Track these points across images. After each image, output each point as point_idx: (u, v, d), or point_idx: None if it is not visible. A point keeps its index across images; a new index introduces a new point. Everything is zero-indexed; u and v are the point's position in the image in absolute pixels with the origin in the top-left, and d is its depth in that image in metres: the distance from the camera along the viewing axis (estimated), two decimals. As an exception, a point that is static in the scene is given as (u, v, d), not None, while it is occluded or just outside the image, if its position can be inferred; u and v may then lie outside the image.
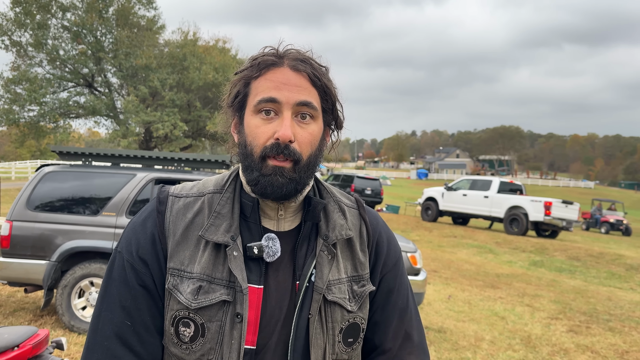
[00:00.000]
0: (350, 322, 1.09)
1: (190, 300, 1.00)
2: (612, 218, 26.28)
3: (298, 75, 1.03)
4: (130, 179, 5.29)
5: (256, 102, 1.02)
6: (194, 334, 1.01)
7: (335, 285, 1.07)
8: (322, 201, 1.10)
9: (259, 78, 1.04)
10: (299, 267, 1.07)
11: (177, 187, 1.15)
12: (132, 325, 1.03)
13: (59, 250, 5.02)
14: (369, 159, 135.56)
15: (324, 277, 1.05)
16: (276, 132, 1.00)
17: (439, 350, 5.35)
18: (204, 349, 1.01)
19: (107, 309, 1.04)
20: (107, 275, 1.08)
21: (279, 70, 1.03)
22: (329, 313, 1.06)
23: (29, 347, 2.43)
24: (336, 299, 1.06)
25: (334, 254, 1.08)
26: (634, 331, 6.85)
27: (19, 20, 21.27)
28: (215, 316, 1.01)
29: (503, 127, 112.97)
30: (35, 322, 5.25)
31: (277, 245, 1.06)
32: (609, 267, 13.06)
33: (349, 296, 1.09)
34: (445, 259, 12.74)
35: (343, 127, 1.14)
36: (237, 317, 1.00)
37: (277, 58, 1.04)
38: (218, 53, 24.90)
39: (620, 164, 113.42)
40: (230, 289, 1.02)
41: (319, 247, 1.07)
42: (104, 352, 1.02)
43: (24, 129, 22.34)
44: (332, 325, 1.06)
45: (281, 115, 1.01)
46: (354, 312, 1.09)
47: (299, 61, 1.04)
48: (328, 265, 1.07)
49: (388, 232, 1.22)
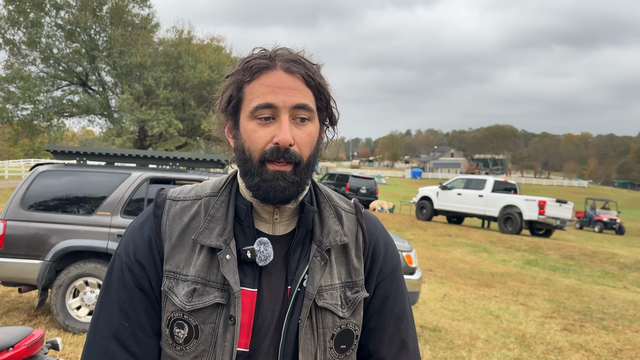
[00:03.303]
0: (342, 328, 1.08)
1: (185, 302, 1.02)
2: (605, 217, 26.47)
3: (292, 77, 1.01)
4: (125, 178, 5.27)
5: (252, 108, 1.01)
6: (187, 335, 1.02)
7: (327, 291, 1.06)
8: (314, 209, 1.09)
9: (252, 82, 1.02)
10: (292, 272, 1.06)
11: (175, 190, 1.16)
12: (129, 326, 1.04)
13: (54, 249, 5.00)
14: (364, 158, 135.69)
15: (315, 282, 1.04)
16: (275, 136, 0.99)
17: (434, 349, 5.37)
18: (197, 350, 1.02)
19: (105, 310, 1.06)
20: (106, 277, 1.10)
21: (273, 73, 1.01)
22: (320, 319, 1.05)
23: (24, 347, 2.42)
24: (327, 305, 1.06)
25: (327, 260, 1.07)
26: (627, 330, 6.90)
27: (13, 18, 21.08)
28: (208, 318, 1.02)
29: (497, 127, 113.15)
30: (30, 322, 5.23)
31: (269, 250, 1.05)
32: (602, 266, 13.14)
33: (341, 302, 1.08)
34: (440, 257, 12.78)
35: (337, 123, 1.13)
36: (230, 319, 1.01)
37: (269, 61, 1.02)
38: (213, 51, 24.80)
39: (614, 163, 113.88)
40: (224, 292, 1.02)
41: (312, 252, 1.07)
42: (102, 352, 1.04)
43: (17, 127, 22.17)
44: (323, 331, 1.06)
45: (278, 119, 1.00)
46: (346, 318, 1.08)
47: (292, 62, 1.02)
48: (320, 271, 1.06)
49: (386, 239, 1.20)
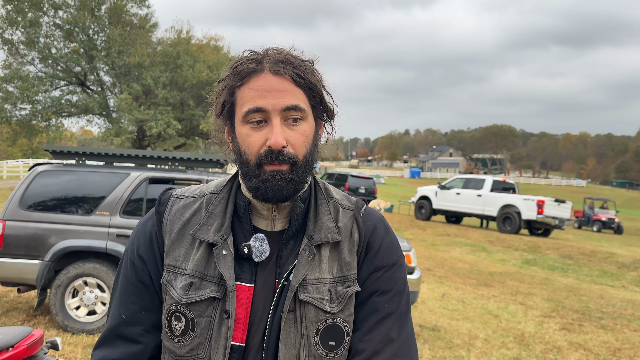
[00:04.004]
0: (328, 323, 1.05)
1: (182, 295, 1.05)
2: (604, 216, 26.50)
3: (280, 78, 1.01)
4: (124, 178, 5.27)
5: (244, 113, 1.02)
6: (184, 328, 1.05)
7: (312, 285, 1.05)
8: (301, 205, 1.10)
9: (242, 87, 1.03)
10: (280, 266, 1.07)
11: (182, 189, 1.20)
12: (130, 319, 1.10)
13: (53, 249, 5.00)
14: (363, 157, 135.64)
15: (299, 275, 1.04)
16: (268, 139, 1.01)
17: (433, 348, 5.38)
18: (193, 343, 1.04)
19: (114, 304, 1.13)
20: (117, 272, 1.17)
21: (261, 76, 1.02)
22: (303, 312, 1.04)
23: (24, 347, 2.42)
24: (309, 299, 1.04)
25: (314, 254, 1.07)
26: (626, 329, 6.91)
27: (11, 18, 21.06)
28: (205, 312, 1.04)
29: (496, 126, 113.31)
30: (29, 322, 5.22)
31: (264, 246, 1.07)
32: (601, 265, 13.16)
33: (329, 297, 1.06)
34: (438, 257, 12.79)
35: (335, 116, 1.13)
36: (225, 313, 1.03)
37: (257, 64, 1.03)
38: (211, 51, 24.80)
39: (612, 162, 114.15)
40: (221, 287, 1.04)
41: (302, 246, 1.07)
42: (108, 343, 1.10)
43: (15, 127, 22.18)
44: (307, 325, 1.04)
45: (270, 122, 1.01)
46: (334, 313, 1.05)
47: (280, 63, 1.02)
48: (307, 265, 1.05)
49: (385, 236, 1.16)
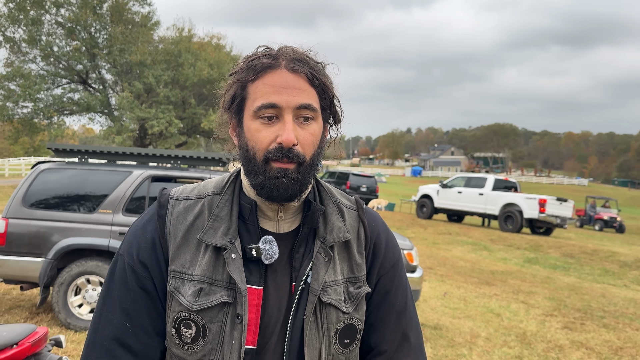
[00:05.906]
0: (346, 323, 1.09)
1: (192, 302, 1.02)
2: (605, 215, 26.48)
3: (296, 76, 1.01)
4: (126, 177, 5.28)
5: (256, 107, 1.01)
6: (195, 334, 1.02)
7: (330, 287, 1.07)
8: (322, 207, 1.10)
9: (256, 81, 1.02)
10: (296, 269, 1.07)
11: (178, 190, 1.15)
12: (131, 326, 1.05)
13: (55, 247, 5.01)
14: (364, 156, 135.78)
15: (320, 278, 1.05)
16: (279, 136, 0.99)
17: (435, 347, 5.38)
18: (205, 349, 1.02)
19: (107, 310, 1.06)
20: (108, 277, 1.10)
21: (277, 72, 1.01)
22: (324, 314, 1.06)
23: (28, 344, 2.43)
24: (331, 301, 1.06)
25: (330, 256, 1.08)
26: (627, 327, 6.90)
27: (13, 16, 21.06)
28: (216, 317, 1.02)
29: (497, 125, 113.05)
30: (32, 320, 5.24)
31: (274, 248, 1.06)
32: (602, 264, 13.15)
33: (344, 297, 1.09)
34: (440, 256, 12.79)
35: (341, 121, 1.13)
36: (238, 318, 1.01)
37: (273, 60, 1.02)
38: (213, 49, 24.78)
39: (614, 161, 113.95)
40: (231, 291, 1.03)
41: (316, 249, 1.07)
42: (103, 352, 1.04)
43: (17, 125, 22.19)
44: (328, 326, 1.06)
45: (282, 119, 1.00)
46: (349, 313, 1.09)
47: (296, 61, 1.02)
48: (324, 267, 1.06)
49: (387, 234, 1.21)
